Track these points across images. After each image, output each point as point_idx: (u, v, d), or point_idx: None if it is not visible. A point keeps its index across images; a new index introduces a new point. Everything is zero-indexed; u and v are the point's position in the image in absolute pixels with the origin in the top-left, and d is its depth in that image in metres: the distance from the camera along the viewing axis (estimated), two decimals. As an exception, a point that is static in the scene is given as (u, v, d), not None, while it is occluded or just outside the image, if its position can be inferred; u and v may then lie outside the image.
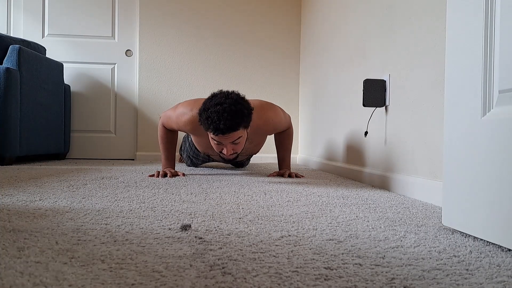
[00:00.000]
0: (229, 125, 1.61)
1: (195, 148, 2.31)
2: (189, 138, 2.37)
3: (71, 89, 3.41)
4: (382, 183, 1.64)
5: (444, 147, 0.87)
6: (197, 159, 2.46)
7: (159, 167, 2.53)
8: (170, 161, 2.05)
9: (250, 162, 3.27)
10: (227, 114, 1.59)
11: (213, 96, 1.69)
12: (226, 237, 0.76)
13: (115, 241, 0.72)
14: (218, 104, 1.61)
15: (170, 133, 2.04)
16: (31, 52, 2.70)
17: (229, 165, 2.92)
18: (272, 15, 3.56)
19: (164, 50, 3.46)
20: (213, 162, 3.21)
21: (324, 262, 0.62)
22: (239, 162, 2.61)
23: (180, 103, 1.96)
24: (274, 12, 3.56)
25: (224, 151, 1.74)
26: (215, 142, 1.73)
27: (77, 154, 3.47)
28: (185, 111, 1.87)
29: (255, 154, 2.37)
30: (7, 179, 1.65)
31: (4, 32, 3.37)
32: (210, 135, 1.71)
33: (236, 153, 1.80)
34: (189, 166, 2.69)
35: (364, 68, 1.94)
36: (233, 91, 1.73)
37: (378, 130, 1.75)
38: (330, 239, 0.76)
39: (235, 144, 1.73)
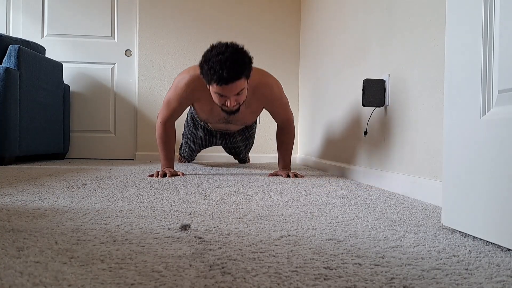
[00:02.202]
0: (232, 74, 1.64)
1: (194, 127, 2.38)
2: (187, 118, 2.44)
3: (71, 89, 3.41)
4: (382, 183, 1.64)
5: (444, 147, 0.87)
6: (195, 143, 2.50)
7: (159, 167, 2.53)
8: (170, 161, 2.05)
9: (250, 161, 3.28)
10: (229, 63, 1.62)
11: (213, 47, 1.71)
12: (226, 237, 0.76)
13: (114, 241, 0.72)
14: (220, 53, 1.64)
15: (169, 130, 2.03)
16: (30, 52, 2.70)
17: (229, 162, 2.92)
18: (272, 15, 3.56)
19: (163, 50, 3.46)
20: (211, 152, 3.21)
21: (323, 262, 0.62)
22: (237, 151, 2.63)
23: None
24: (274, 12, 3.56)
25: (228, 103, 1.76)
26: (217, 95, 1.75)
27: (76, 154, 3.47)
28: (183, 76, 1.93)
29: (248, 125, 2.38)
30: (6, 179, 1.65)
31: (3, 32, 3.37)
32: (213, 88, 1.73)
33: (239, 104, 1.82)
34: (187, 157, 2.74)
35: (363, 68, 1.94)
36: (232, 41, 1.75)
37: (378, 130, 1.75)
38: (330, 239, 0.76)
39: (238, 95, 1.76)
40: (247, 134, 2.54)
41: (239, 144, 2.59)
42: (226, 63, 1.61)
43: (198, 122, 2.38)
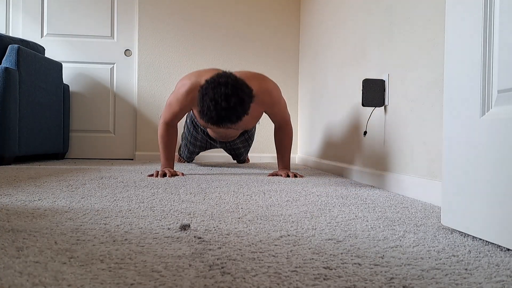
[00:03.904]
0: (218, 123, 1.72)
1: (194, 130, 2.41)
2: (187, 121, 2.47)
3: (70, 88, 3.41)
4: (381, 183, 1.64)
5: (443, 147, 0.87)
6: (195, 146, 2.53)
7: (158, 167, 2.53)
8: (170, 161, 2.05)
9: (250, 161, 3.28)
10: (216, 116, 1.68)
11: (215, 86, 1.68)
12: (225, 237, 0.76)
13: (114, 241, 0.72)
14: (213, 100, 1.66)
15: (171, 130, 2.05)
16: (30, 52, 2.70)
17: (228, 162, 2.91)
18: (271, 15, 3.56)
19: (163, 50, 3.46)
20: (210, 152, 3.21)
21: (323, 261, 0.62)
22: (237, 152, 2.65)
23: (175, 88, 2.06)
24: (273, 12, 3.56)
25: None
26: None
27: (76, 154, 3.46)
28: (184, 83, 1.97)
29: (248, 129, 2.40)
30: (6, 179, 1.65)
31: (3, 32, 3.36)
32: None
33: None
34: (186, 159, 2.74)
35: (363, 68, 1.94)
36: (236, 82, 1.70)
37: (377, 129, 1.75)
38: (329, 239, 0.76)
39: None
40: (246, 136, 2.57)
41: (238, 146, 2.62)
42: (214, 113, 1.67)
43: (198, 125, 2.41)
